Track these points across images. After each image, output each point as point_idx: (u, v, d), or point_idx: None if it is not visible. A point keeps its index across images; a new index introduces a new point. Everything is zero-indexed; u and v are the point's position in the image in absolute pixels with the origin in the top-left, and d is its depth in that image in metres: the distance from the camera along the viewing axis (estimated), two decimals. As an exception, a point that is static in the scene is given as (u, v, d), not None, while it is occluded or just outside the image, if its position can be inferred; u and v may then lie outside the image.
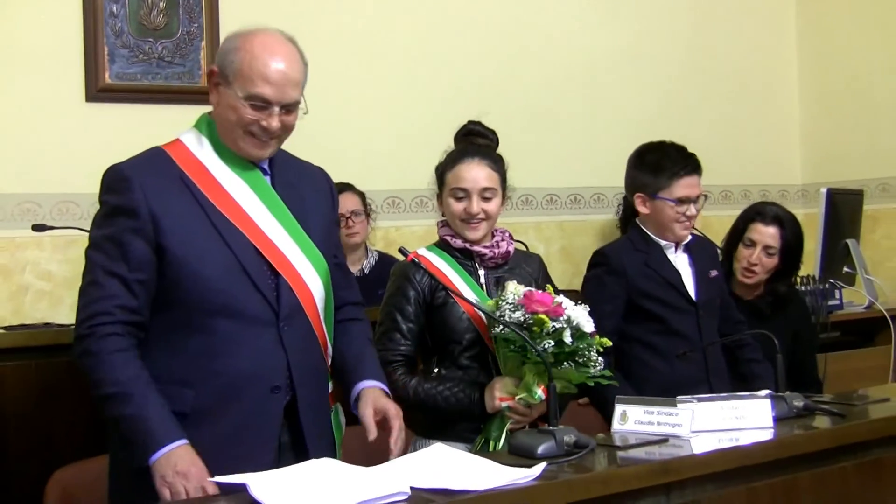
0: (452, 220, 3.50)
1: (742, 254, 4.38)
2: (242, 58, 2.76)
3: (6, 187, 4.93)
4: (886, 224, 6.86)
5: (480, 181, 3.48)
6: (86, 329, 2.70)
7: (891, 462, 3.24)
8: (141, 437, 2.65)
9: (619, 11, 6.64)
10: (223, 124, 2.84)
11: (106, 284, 2.71)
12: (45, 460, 3.77)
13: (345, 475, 2.46)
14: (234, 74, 2.77)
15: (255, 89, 2.75)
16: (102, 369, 2.68)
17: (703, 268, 4.03)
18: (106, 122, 5.14)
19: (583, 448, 2.68)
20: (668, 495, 2.72)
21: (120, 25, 5.16)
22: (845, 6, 7.11)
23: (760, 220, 4.38)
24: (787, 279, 4.44)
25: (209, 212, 2.79)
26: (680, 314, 3.90)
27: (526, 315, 3.19)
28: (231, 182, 2.85)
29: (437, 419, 3.37)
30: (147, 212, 2.72)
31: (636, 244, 3.98)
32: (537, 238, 6.10)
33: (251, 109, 2.77)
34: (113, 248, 2.72)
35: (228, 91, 2.79)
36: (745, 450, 2.92)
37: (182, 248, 2.74)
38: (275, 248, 2.84)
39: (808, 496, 3.01)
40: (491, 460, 2.61)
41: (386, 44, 5.76)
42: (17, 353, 3.97)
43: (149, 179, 2.76)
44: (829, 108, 7.22)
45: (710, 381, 3.88)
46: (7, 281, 4.93)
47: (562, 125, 6.29)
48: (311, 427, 2.88)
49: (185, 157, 2.85)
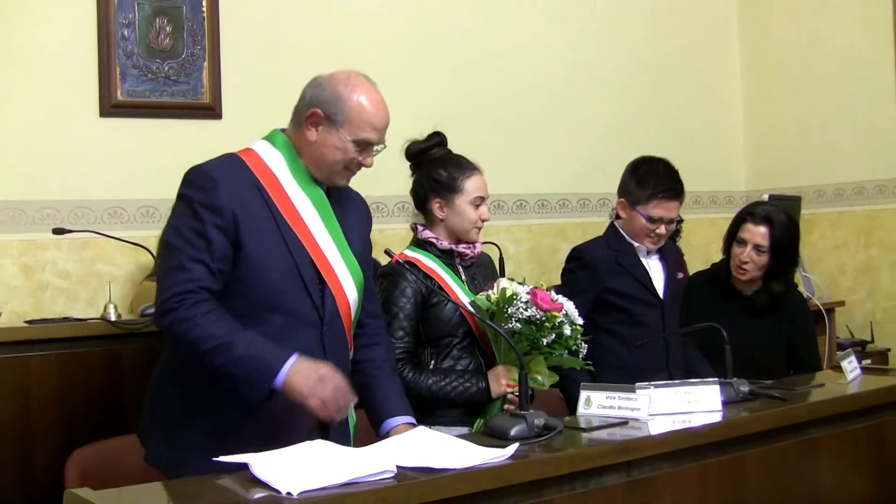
0: (466, 226, 3.53)
1: (735, 251, 4.30)
2: (352, 108, 2.87)
3: (28, 194, 4.90)
4: (822, 227, 6.88)
5: (487, 191, 3.59)
6: (174, 303, 2.68)
7: (826, 440, 3.28)
8: (257, 371, 2.67)
9: (576, 30, 6.61)
10: (319, 157, 2.90)
11: (192, 269, 2.71)
12: (65, 440, 3.78)
13: (337, 455, 2.46)
14: (343, 121, 2.86)
15: (364, 135, 2.88)
16: (198, 329, 2.67)
17: (673, 269, 4.04)
18: (118, 134, 5.12)
19: (551, 430, 2.70)
20: (628, 472, 2.75)
21: (130, 47, 5.14)
22: (785, 25, 7.11)
23: (751, 220, 4.28)
24: (781, 277, 4.31)
25: (277, 218, 2.83)
26: (646, 307, 3.91)
27: (539, 312, 3.23)
28: (296, 194, 2.89)
29: (436, 406, 3.38)
30: (230, 211, 2.74)
31: (610, 243, 3.98)
32: (508, 239, 6.09)
33: (355, 150, 2.87)
34: (198, 239, 2.72)
35: (334, 133, 2.87)
36: (696, 431, 2.95)
37: (254, 248, 2.77)
38: (325, 260, 2.89)
39: (753, 471, 3.04)
40: (468, 441, 2.62)
41: (360, 59, 5.74)
42: (39, 344, 3.95)
43: (231, 182, 2.79)
44: (770, 122, 7.23)
45: (669, 368, 3.90)
46: (29, 279, 4.90)
47: (528, 136, 6.28)
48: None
49: (259, 166, 2.88)
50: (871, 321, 6.55)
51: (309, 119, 2.88)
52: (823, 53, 6.89)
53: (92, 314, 4.65)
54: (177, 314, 2.68)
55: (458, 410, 3.39)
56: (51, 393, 3.91)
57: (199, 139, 5.20)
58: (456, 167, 3.56)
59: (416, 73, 5.95)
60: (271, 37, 5.50)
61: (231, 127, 5.29)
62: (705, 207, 7.09)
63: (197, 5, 5.29)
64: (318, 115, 2.87)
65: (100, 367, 4.01)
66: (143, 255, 4.78)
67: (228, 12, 5.38)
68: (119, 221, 5.07)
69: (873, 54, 6.60)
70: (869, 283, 6.68)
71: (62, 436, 3.86)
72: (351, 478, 2.28)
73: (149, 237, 4.71)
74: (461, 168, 3.56)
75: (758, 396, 3.31)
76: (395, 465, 2.36)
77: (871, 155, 6.64)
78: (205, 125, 5.27)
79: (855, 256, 6.76)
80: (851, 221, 6.77)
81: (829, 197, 6.85)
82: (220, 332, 2.67)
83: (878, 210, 6.63)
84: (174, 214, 2.83)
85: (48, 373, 3.92)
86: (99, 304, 4.73)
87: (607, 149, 6.10)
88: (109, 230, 4.78)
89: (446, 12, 6.13)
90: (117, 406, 3.99)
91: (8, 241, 4.83)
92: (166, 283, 2.73)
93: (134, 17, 5.14)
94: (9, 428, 3.83)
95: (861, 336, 6.46)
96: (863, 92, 6.67)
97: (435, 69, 6.00)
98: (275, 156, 2.92)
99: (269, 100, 5.37)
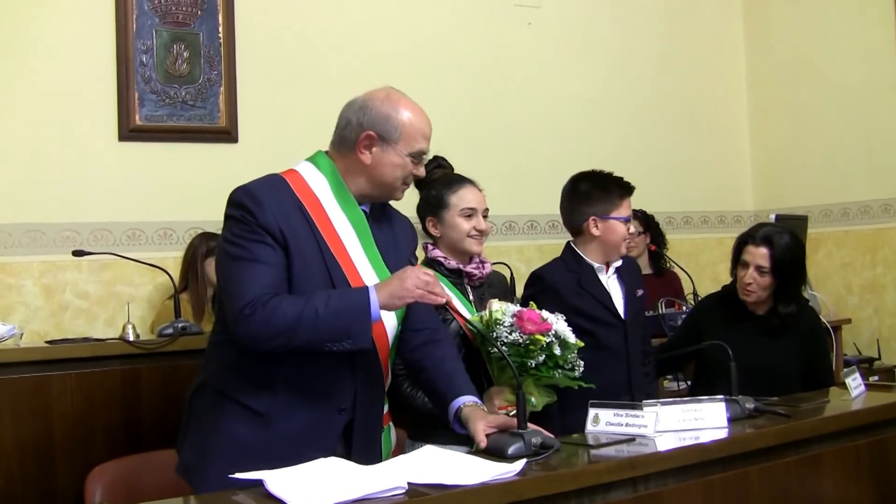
0: (460, 237, 3.53)
1: (739, 274, 4.21)
2: (403, 123, 2.88)
3: (49, 217, 4.96)
4: (828, 245, 6.91)
5: (483, 202, 3.58)
6: (249, 309, 2.67)
7: (829, 456, 3.27)
8: (346, 314, 2.69)
9: (588, 58, 6.71)
10: (379, 178, 2.90)
11: (260, 277, 2.71)
12: (85, 458, 3.80)
13: (349, 472, 2.48)
14: (398, 138, 2.88)
15: (419, 146, 2.91)
16: (277, 319, 2.66)
17: (632, 287, 3.94)
18: (136, 158, 5.18)
19: (548, 449, 2.70)
20: (634, 487, 2.75)
21: (149, 73, 5.21)
22: (789, 51, 7.17)
23: (751, 242, 4.18)
24: (788, 297, 4.20)
25: (318, 240, 2.82)
26: (608, 329, 3.80)
27: (522, 336, 3.22)
28: (337, 217, 2.88)
29: (432, 425, 3.32)
30: (278, 229, 2.74)
31: (569, 265, 3.88)
32: (519, 259, 6.13)
33: (412, 163, 2.90)
34: (258, 249, 2.73)
35: (391, 150, 2.88)
36: (702, 447, 2.95)
37: (297, 267, 2.77)
38: (361, 282, 2.85)
39: (757, 487, 3.04)
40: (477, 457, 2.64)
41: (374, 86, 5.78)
42: (60, 363, 3.97)
43: (275, 202, 2.78)
44: (776, 144, 7.27)
45: (631, 391, 3.78)
46: (49, 300, 4.96)
47: (540, 159, 6.32)
48: (360, 444, 2.89)
49: (302, 187, 2.88)
50: (878, 338, 6.57)
51: (363, 143, 2.88)
52: (827, 77, 6.94)
53: (111, 334, 4.70)
54: (254, 318, 2.66)
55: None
56: (71, 411, 3.94)
57: (215, 163, 5.26)
58: (444, 184, 3.57)
59: (432, 99, 5.89)
60: (286, 62, 5.56)
61: (247, 150, 5.35)
62: (713, 227, 7.12)
63: (213, 32, 5.36)
64: (373, 136, 2.87)
65: (119, 387, 4.04)
66: (160, 276, 4.83)
67: (244, 39, 5.46)
68: (137, 243, 5.12)
69: (876, 78, 6.65)
70: (875, 301, 6.70)
71: (82, 453, 3.88)
72: (363, 494, 2.29)
73: (167, 259, 4.77)
74: (449, 184, 3.57)
75: (763, 413, 3.32)
76: (406, 481, 2.37)
77: (877, 175, 6.68)
78: (221, 149, 5.34)
79: (861, 274, 6.78)
80: (857, 240, 6.80)
81: (836, 216, 6.88)
82: (297, 309, 2.66)
83: (884, 228, 6.66)
84: (228, 232, 2.81)
85: (68, 392, 3.95)
86: (118, 324, 4.78)
87: (617, 171, 6.11)
88: (128, 252, 4.84)
89: (460, 42, 6.23)
90: (136, 424, 4.02)
91: (29, 262, 4.90)
92: (238, 293, 2.71)
93: (152, 43, 5.21)
94: (30, 445, 3.86)
95: (868, 353, 6.48)
96: (867, 114, 6.71)
97: (449, 95, 6.07)
98: (318, 177, 2.92)
99: (285, 123, 5.47)
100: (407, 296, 2.72)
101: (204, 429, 2.86)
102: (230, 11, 5.42)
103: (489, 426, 2.76)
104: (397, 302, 2.73)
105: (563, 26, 6.62)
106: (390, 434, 3.12)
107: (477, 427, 2.78)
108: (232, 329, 2.73)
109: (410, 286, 2.71)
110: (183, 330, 4.10)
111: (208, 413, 2.87)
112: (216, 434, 2.82)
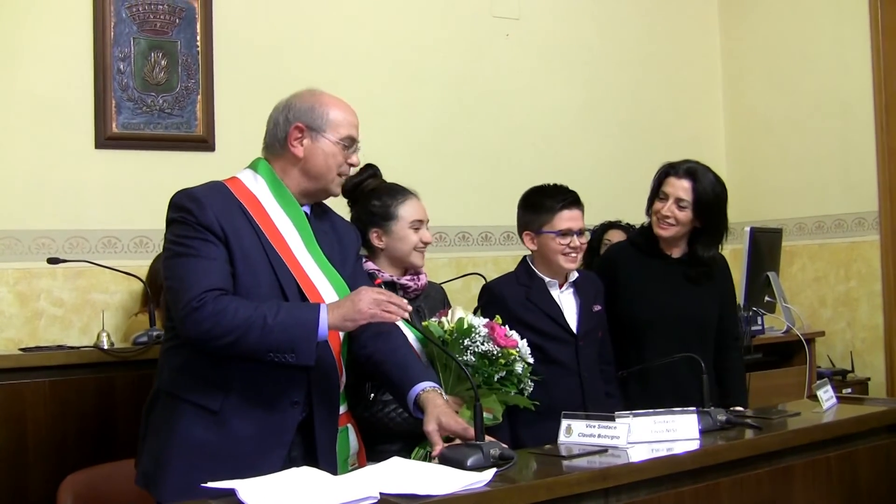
0: (407, 250, 3.53)
1: (656, 206, 4.08)
2: (329, 111, 2.97)
3: (24, 224, 4.94)
4: (802, 259, 6.95)
5: (427, 214, 3.58)
6: (197, 302, 2.69)
7: (800, 468, 3.29)
8: (294, 329, 2.71)
9: (568, 72, 6.73)
10: (312, 170, 2.97)
11: (205, 272, 2.74)
12: (58, 465, 3.80)
13: (321, 482, 2.48)
14: (326, 125, 2.95)
15: (347, 132, 2.98)
16: (227, 317, 2.69)
17: (588, 302, 3.88)
18: (113, 166, 5.17)
19: (508, 460, 2.67)
20: (606, 499, 2.75)
21: (126, 81, 5.19)
22: (765, 68, 7.22)
23: (673, 174, 4.07)
24: (706, 241, 4.07)
25: (262, 239, 2.87)
26: (559, 344, 3.76)
27: (495, 348, 3.22)
28: (278, 217, 2.94)
29: (375, 441, 3.30)
30: (219, 227, 2.79)
31: (520, 278, 3.86)
32: (495, 270, 6.09)
33: (342, 151, 2.96)
34: (203, 247, 2.77)
35: (320, 139, 2.96)
36: (674, 458, 2.96)
37: (241, 265, 2.81)
38: (307, 278, 2.91)
39: (728, 498, 3.05)
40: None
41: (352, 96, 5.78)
42: (33, 371, 3.97)
43: (216, 203, 2.84)
44: (751, 159, 7.30)
45: (585, 406, 3.67)
46: (24, 307, 4.93)
47: (518, 171, 6.30)
48: (323, 443, 2.91)
49: (243, 191, 2.94)
50: (852, 351, 6.61)
51: (293, 136, 2.95)
52: (803, 92, 6.98)
53: (85, 342, 4.69)
54: (202, 312, 2.69)
55: (397, 446, 3.28)
56: (44, 419, 3.93)
57: (192, 171, 5.21)
58: (389, 195, 3.56)
59: (410, 110, 6.02)
60: (264, 72, 5.55)
61: (224, 159, 5.34)
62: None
63: (191, 40, 5.36)
64: (301, 128, 2.95)
65: (93, 394, 4.03)
66: (136, 284, 4.82)
67: (222, 47, 5.45)
68: (113, 251, 5.11)
69: (851, 93, 6.68)
70: (848, 314, 6.73)
71: (55, 461, 3.87)
72: (335, 503, 2.29)
73: (142, 267, 4.76)
74: (394, 195, 3.56)
75: (734, 425, 3.34)
76: (378, 491, 2.37)
77: (851, 188, 6.71)
78: (198, 157, 5.33)
79: (835, 288, 6.81)
80: (831, 253, 6.83)
81: (810, 229, 6.91)
82: (247, 314, 2.69)
83: (858, 242, 6.69)
84: (172, 234, 2.85)
85: (42, 399, 3.94)
86: (92, 332, 4.76)
87: (595, 183, 6.12)
88: (103, 260, 4.82)
89: (439, 53, 6.23)
90: (109, 432, 4.01)
91: (4, 269, 4.88)
92: (182, 288, 2.74)
93: (130, 51, 5.20)
94: (3, 453, 3.84)
95: (842, 366, 6.52)
96: (842, 128, 6.75)
97: (428, 107, 6.09)
98: (257, 181, 2.98)
99: (261, 133, 5.42)
100: (359, 318, 2.75)
101: (160, 435, 2.86)
102: (208, 20, 5.42)
103: (445, 431, 2.76)
104: (349, 324, 2.76)
105: (542, 38, 6.63)
106: (348, 435, 3.10)
107: (430, 424, 2.77)
108: (180, 327, 2.75)
109: (364, 308, 2.74)
110: (157, 339, 4.09)
111: (163, 418, 2.87)
112: (172, 438, 2.82)
